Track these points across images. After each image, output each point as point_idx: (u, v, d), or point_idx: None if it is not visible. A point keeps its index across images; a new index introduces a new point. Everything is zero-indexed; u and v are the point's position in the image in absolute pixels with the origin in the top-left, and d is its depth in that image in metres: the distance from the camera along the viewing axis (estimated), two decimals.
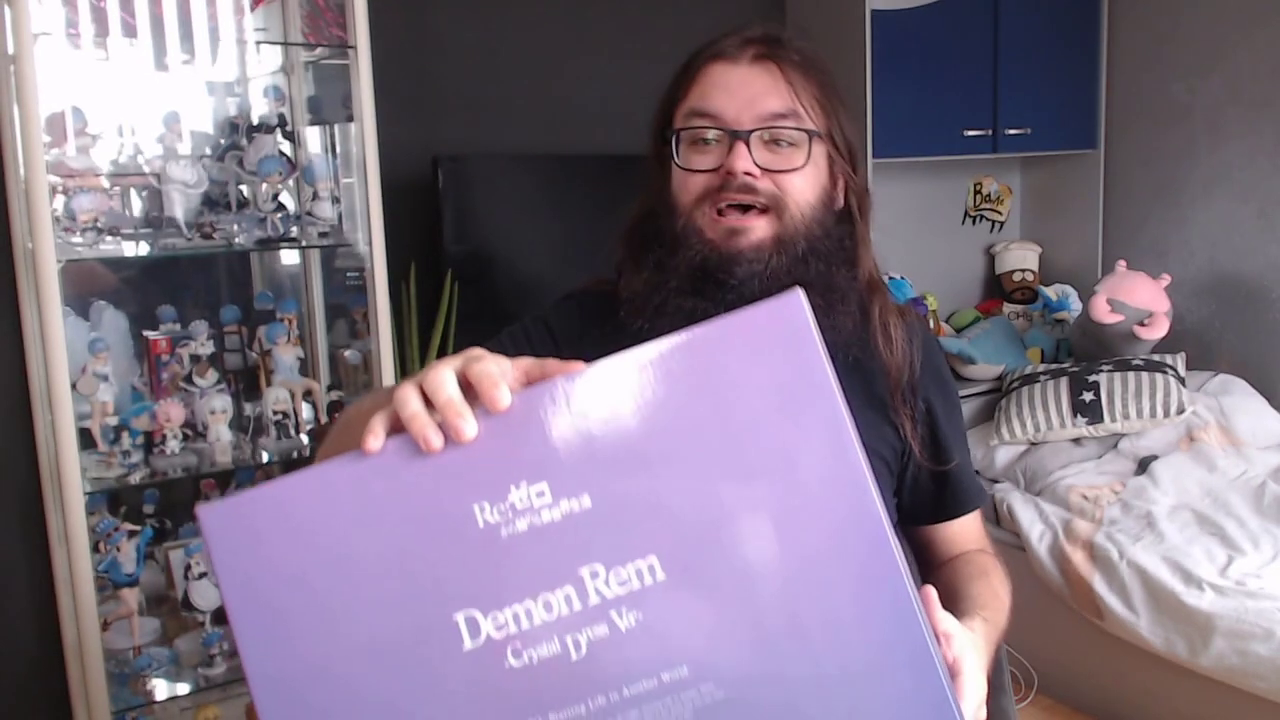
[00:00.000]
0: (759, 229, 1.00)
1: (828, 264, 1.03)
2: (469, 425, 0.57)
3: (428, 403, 0.58)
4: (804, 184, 1.02)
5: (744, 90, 1.00)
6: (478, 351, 0.62)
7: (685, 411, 0.58)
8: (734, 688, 0.57)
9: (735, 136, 0.99)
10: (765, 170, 1.00)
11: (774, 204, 1.00)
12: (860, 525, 0.58)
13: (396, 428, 0.59)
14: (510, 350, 1.09)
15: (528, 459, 0.57)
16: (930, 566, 1.15)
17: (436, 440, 0.56)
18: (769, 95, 1.00)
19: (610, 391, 0.58)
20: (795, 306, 0.59)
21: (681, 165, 1.03)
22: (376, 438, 0.58)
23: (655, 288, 1.03)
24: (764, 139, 1.00)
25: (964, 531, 1.15)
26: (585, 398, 0.58)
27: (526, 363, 0.61)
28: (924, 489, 1.12)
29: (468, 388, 0.59)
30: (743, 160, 0.99)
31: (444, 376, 0.59)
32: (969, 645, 0.75)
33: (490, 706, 0.57)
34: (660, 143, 1.07)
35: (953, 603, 0.98)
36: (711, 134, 1.01)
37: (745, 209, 1.01)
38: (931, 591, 0.68)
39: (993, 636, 0.93)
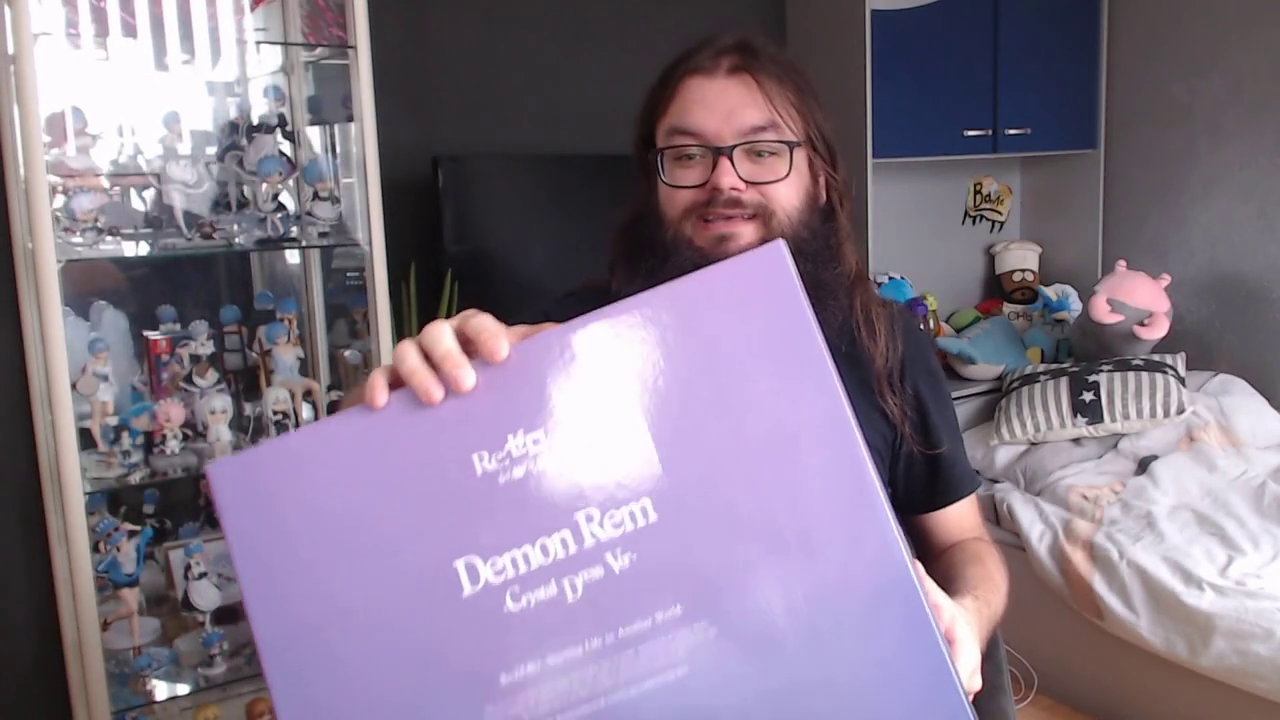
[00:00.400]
0: (746, 234, 1.02)
1: (815, 263, 1.05)
2: (468, 375, 0.59)
3: (427, 358, 0.60)
4: (788, 191, 1.04)
5: (722, 104, 1.02)
6: (474, 311, 0.64)
7: (673, 358, 0.60)
8: (727, 626, 0.59)
9: (718, 153, 1.01)
10: (750, 183, 1.02)
11: (760, 213, 1.03)
12: (846, 471, 0.60)
13: (398, 383, 0.61)
14: None
15: (524, 408, 0.59)
16: (927, 557, 1.16)
17: (437, 392, 0.59)
18: (747, 108, 1.02)
19: (601, 342, 0.60)
20: (777, 255, 0.61)
21: (668, 182, 1.05)
22: (381, 392, 0.60)
23: None
24: (746, 151, 1.02)
25: (959, 520, 1.16)
26: (577, 348, 0.60)
27: (522, 328, 0.64)
28: (917, 477, 1.14)
29: (466, 343, 0.61)
30: (727, 177, 1.01)
31: (441, 331, 0.61)
32: (959, 615, 0.75)
33: (490, 650, 0.58)
34: (643, 151, 1.09)
35: (947, 588, 0.98)
36: (694, 150, 1.03)
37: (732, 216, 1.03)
38: (917, 564, 0.69)
39: (985, 614, 0.94)
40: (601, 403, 0.60)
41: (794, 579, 0.59)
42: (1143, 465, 2.60)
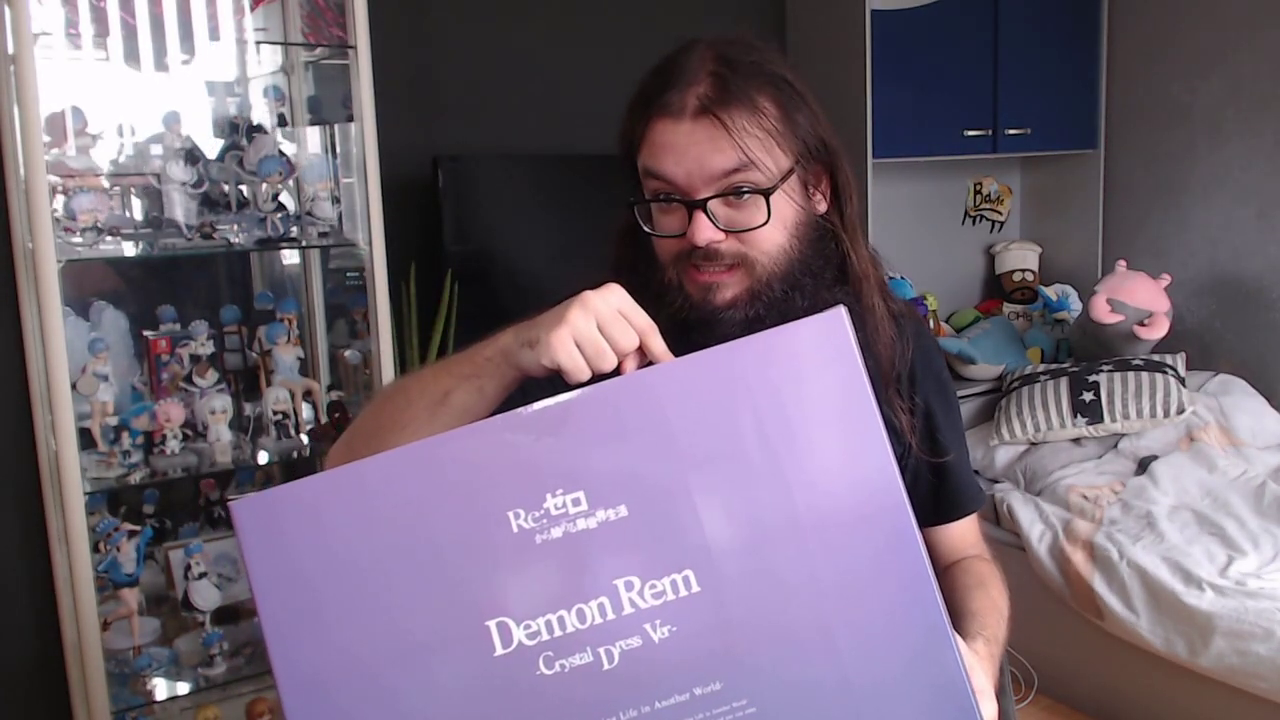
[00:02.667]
0: (730, 285, 0.98)
1: (815, 286, 1.01)
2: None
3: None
4: (772, 232, 0.98)
5: (690, 152, 0.96)
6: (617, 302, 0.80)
7: (726, 425, 0.58)
8: (766, 704, 0.57)
9: (691, 206, 0.96)
10: (730, 231, 0.97)
11: (740, 262, 0.98)
12: (895, 542, 0.58)
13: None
14: None
15: (565, 466, 0.57)
16: None
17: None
18: (715, 154, 0.95)
19: (649, 403, 0.58)
20: (837, 325, 0.59)
21: (651, 232, 1.01)
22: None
23: None
24: (723, 198, 0.97)
25: (962, 536, 1.15)
26: (624, 408, 0.58)
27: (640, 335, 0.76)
28: (922, 491, 1.12)
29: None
30: (703, 231, 0.96)
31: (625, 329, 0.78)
32: (975, 665, 0.75)
33: (521, 714, 0.57)
34: (628, 168, 1.05)
35: (954, 618, 0.98)
36: (672, 199, 0.98)
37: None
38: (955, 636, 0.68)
39: (995, 654, 0.94)
40: (647, 466, 0.57)
41: (839, 662, 0.57)
42: (1143, 465, 2.60)
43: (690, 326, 0.98)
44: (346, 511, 0.57)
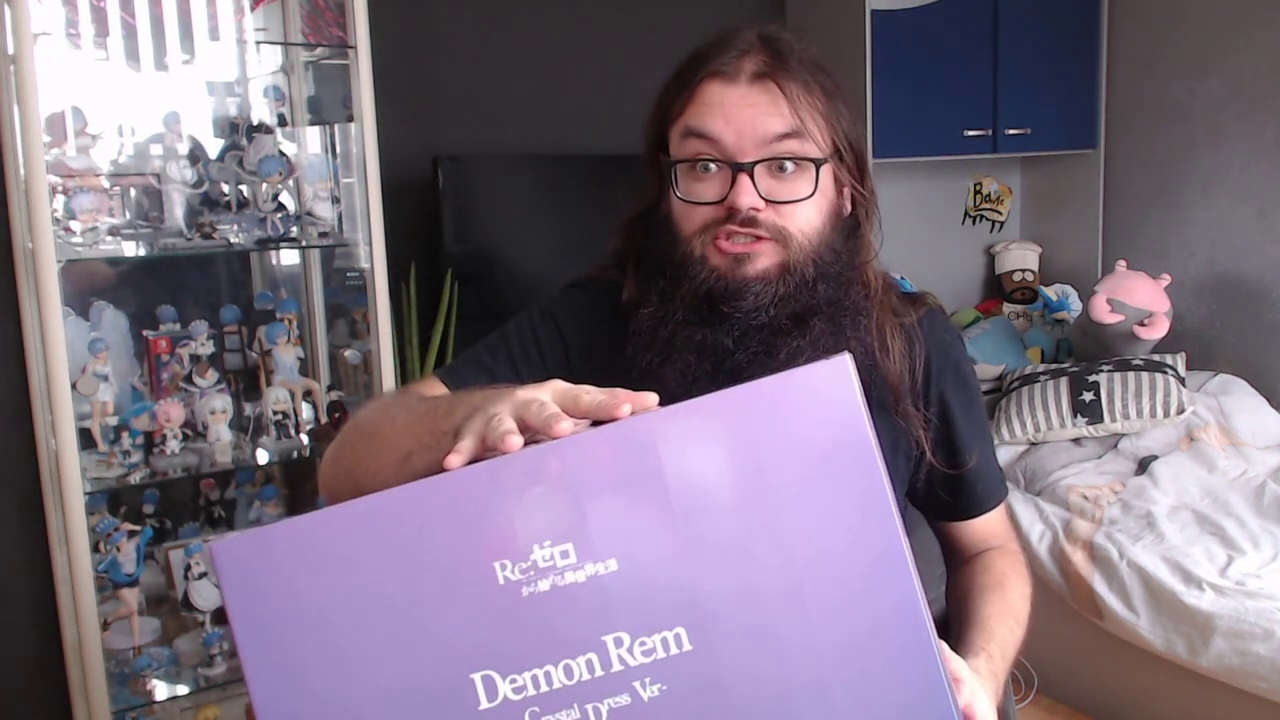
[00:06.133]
0: (764, 255, 0.96)
1: (837, 285, 0.99)
2: (565, 423, 0.59)
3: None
4: (811, 211, 0.97)
5: (743, 114, 0.94)
6: (542, 391, 0.66)
7: (722, 478, 0.56)
8: None
9: (738, 169, 0.94)
10: (770, 201, 0.95)
11: (778, 236, 0.96)
12: (897, 605, 0.57)
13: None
14: (514, 346, 1.06)
15: (554, 517, 0.56)
16: (951, 564, 1.14)
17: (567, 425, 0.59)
18: (770, 117, 0.94)
19: (643, 453, 0.56)
20: (841, 373, 0.57)
21: (682, 197, 0.97)
22: (459, 456, 0.61)
23: (661, 320, 0.98)
24: (768, 166, 0.95)
25: (987, 525, 1.13)
26: (616, 458, 0.56)
27: (593, 400, 0.63)
28: (941, 490, 1.10)
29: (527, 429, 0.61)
30: (746, 196, 0.93)
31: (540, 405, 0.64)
32: (978, 689, 0.74)
33: None
34: (655, 150, 1.02)
35: (963, 625, 0.98)
36: (712, 163, 0.95)
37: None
38: (942, 645, 0.67)
39: (999, 669, 0.92)
40: (639, 518, 0.56)
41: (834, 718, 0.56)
42: (1143, 465, 2.60)
43: (715, 298, 0.96)
44: (329, 558, 0.56)
